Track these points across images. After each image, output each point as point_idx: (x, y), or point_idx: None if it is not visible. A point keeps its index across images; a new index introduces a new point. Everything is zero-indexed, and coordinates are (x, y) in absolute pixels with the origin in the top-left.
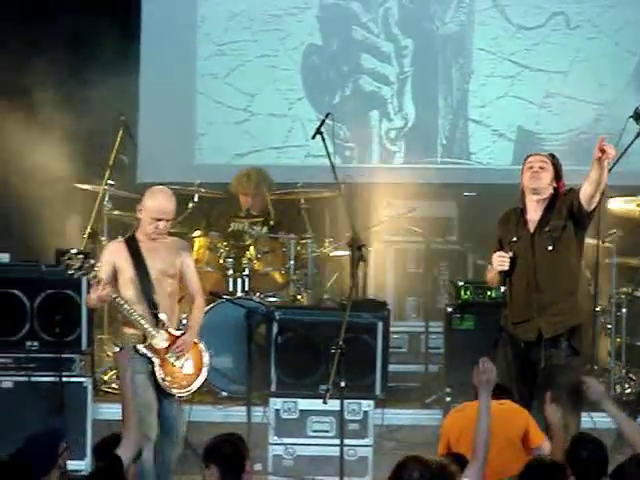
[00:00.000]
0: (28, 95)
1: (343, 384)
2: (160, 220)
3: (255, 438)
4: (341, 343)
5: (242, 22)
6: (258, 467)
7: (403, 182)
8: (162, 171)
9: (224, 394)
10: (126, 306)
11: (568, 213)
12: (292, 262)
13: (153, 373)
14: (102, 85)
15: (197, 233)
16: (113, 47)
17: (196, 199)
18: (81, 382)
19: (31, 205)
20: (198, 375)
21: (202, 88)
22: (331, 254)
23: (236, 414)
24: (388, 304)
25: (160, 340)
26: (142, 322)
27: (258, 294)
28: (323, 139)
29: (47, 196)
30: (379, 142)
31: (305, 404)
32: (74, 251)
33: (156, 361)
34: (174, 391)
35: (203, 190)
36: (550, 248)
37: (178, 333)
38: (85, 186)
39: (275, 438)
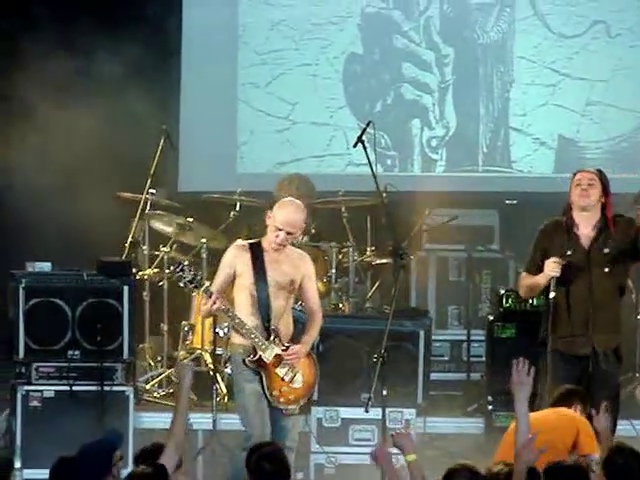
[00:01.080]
0: (69, 104)
1: (385, 392)
2: (281, 230)
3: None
4: (383, 351)
5: (283, 31)
6: (300, 476)
7: (444, 190)
8: (203, 180)
9: None
10: (237, 320)
11: (625, 241)
12: (333, 271)
13: (261, 385)
14: (143, 94)
15: (238, 241)
16: (154, 56)
17: (237, 208)
18: (123, 391)
19: (73, 213)
20: (308, 389)
21: (243, 97)
22: (373, 262)
23: None
24: (430, 312)
25: (270, 354)
26: (253, 335)
27: (299, 303)
28: (364, 147)
29: (89, 204)
30: (420, 150)
31: (347, 412)
32: (186, 264)
33: (264, 375)
34: (281, 406)
35: (244, 199)
36: (607, 270)
37: (289, 345)
38: (126, 195)
39: (317, 447)
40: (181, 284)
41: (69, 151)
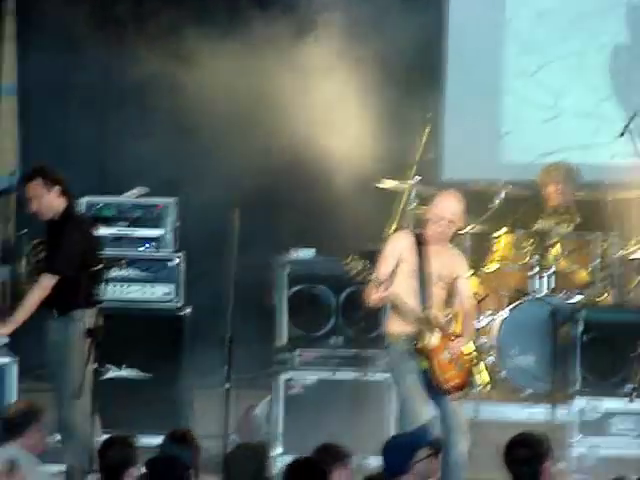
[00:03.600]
0: (328, 93)
1: None
2: (443, 220)
3: (558, 437)
4: None
5: (550, 20)
6: (562, 466)
7: None
8: (467, 168)
9: (528, 392)
10: (406, 307)
11: None
12: (598, 261)
13: (426, 372)
14: (407, 84)
15: (503, 230)
16: (420, 45)
17: (502, 197)
18: (384, 379)
19: (339, 201)
20: (467, 376)
21: (509, 86)
22: (636, 254)
23: (539, 412)
24: None
25: (436, 339)
26: (420, 322)
27: (563, 292)
28: (631, 138)
29: (354, 192)
30: None
31: (609, 403)
32: (357, 256)
33: (432, 359)
34: (450, 389)
35: (509, 187)
36: None
37: (450, 332)
38: (388, 184)
39: (579, 437)
40: (352, 274)
41: (331, 139)
